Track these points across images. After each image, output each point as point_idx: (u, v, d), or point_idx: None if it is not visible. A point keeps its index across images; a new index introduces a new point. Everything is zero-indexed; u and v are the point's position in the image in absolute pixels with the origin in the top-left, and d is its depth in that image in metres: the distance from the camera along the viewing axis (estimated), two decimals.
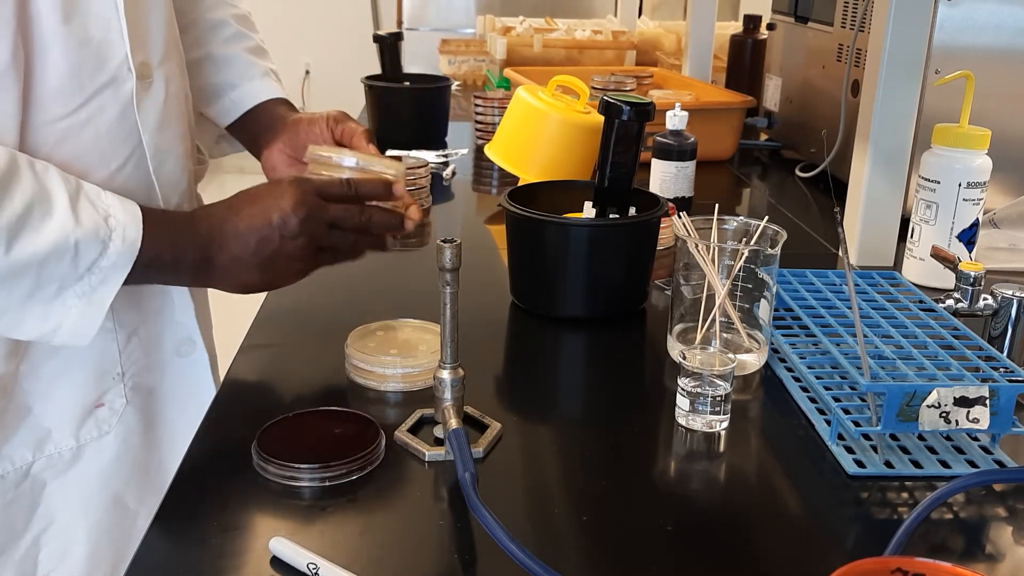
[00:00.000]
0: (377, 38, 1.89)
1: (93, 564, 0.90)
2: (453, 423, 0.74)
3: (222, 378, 0.90)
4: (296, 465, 0.71)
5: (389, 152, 0.98)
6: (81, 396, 0.88)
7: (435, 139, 1.87)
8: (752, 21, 2.08)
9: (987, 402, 0.77)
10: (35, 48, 0.75)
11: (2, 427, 0.84)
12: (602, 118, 1.04)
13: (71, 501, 0.88)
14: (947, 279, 1.03)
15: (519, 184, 1.19)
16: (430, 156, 1.67)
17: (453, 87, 2.02)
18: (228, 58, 1.06)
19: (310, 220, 0.82)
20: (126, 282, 0.77)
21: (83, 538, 0.89)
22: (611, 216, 1.08)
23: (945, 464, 0.77)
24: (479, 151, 1.76)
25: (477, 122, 1.87)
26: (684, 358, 0.81)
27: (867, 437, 0.80)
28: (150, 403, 0.94)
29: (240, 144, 1.10)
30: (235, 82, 1.06)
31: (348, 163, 0.90)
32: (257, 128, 1.05)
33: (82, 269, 0.74)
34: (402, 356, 0.87)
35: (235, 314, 1.19)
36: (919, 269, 1.17)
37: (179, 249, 0.80)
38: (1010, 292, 0.95)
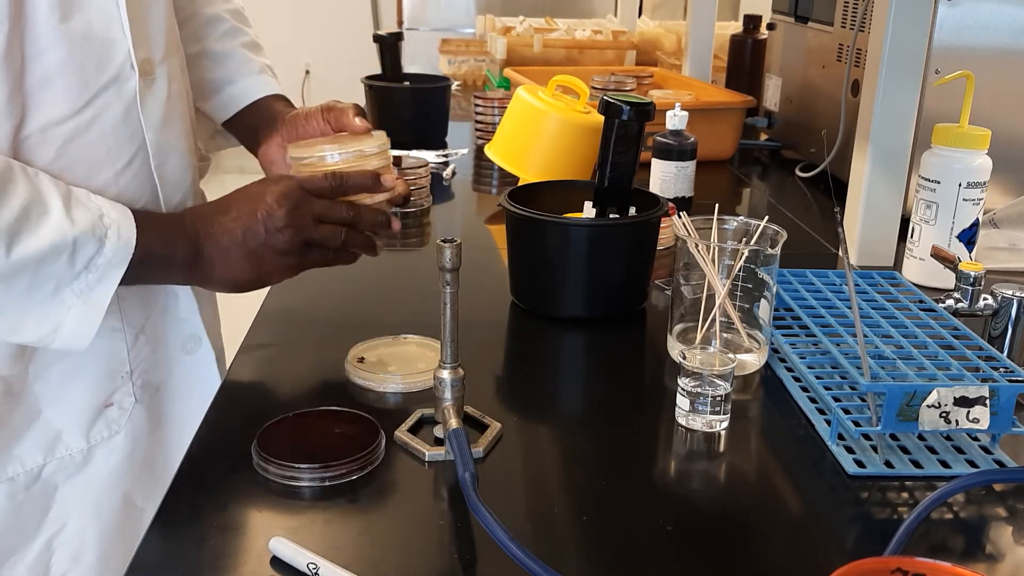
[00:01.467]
0: (377, 38, 1.89)
1: (104, 564, 0.90)
2: (453, 423, 0.74)
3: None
4: (296, 465, 0.71)
5: (392, 152, 0.97)
6: (91, 396, 0.88)
7: (435, 139, 1.87)
8: (752, 21, 2.08)
9: (987, 402, 0.77)
10: (34, 47, 0.75)
11: (12, 429, 0.83)
12: (602, 118, 1.04)
13: (83, 504, 0.88)
14: (947, 279, 1.03)
15: (519, 184, 1.19)
16: (430, 156, 1.67)
17: (453, 87, 2.02)
18: (225, 54, 1.07)
19: (295, 213, 0.83)
20: (122, 282, 0.77)
21: (95, 540, 0.90)
22: (611, 216, 1.08)
23: (945, 464, 0.77)
24: (479, 151, 1.76)
25: (477, 122, 1.87)
26: (684, 358, 0.81)
27: (867, 437, 0.80)
28: (157, 401, 0.94)
29: (235, 139, 1.11)
30: (232, 78, 1.06)
31: (330, 159, 0.91)
32: (255, 123, 1.05)
33: (79, 267, 0.74)
34: (402, 374, 0.87)
35: (236, 313, 1.19)
36: (919, 269, 1.17)
37: (171, 245, 0.81)
38: (1010, 292, 0.95)
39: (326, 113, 0.98)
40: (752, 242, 0.93)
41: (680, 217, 0.96)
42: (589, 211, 1.09)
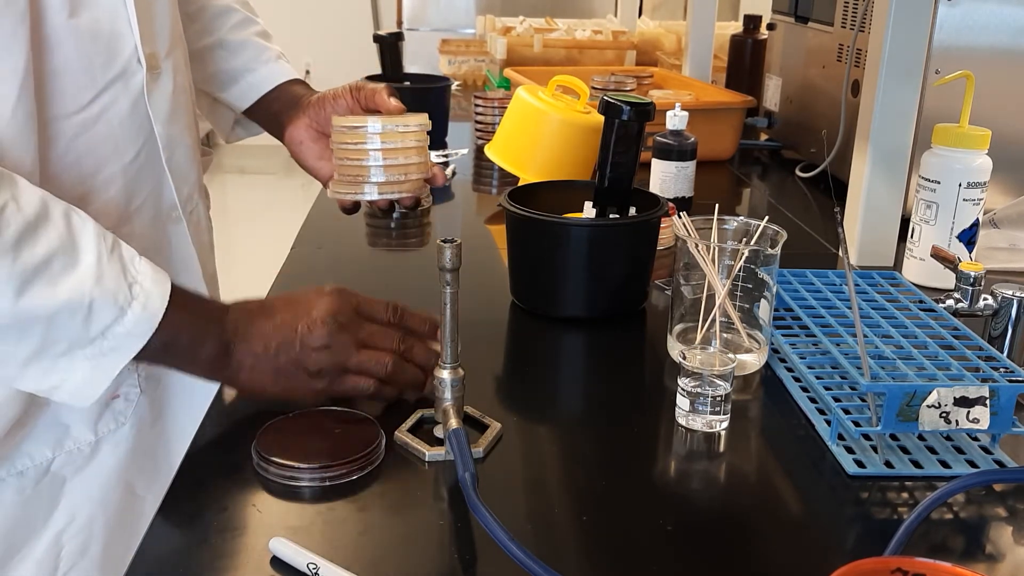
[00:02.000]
0: (377, 38, 1.89)
1: (108, 555, 0.89)
2: (453, 423, 0.74)
3: None
4: (296, 465, 0.71)
5: None
6: None
7: (435, 139, 1.87)
8: (752, 21, 2.08)
9: (987, 402, 0.77)
10: (44, 44, 0.75)
11: (21, 424, 0.82)
12: (602, 118, 1.04)
13: (90, 497, 0.88)
14: (947, 279, 1.03)
15: (519, 184, 1.19)
16: (430, 156, 1.66)
17: (453, 87, 2.02)
18: (240, 43, 1.09)
19: (339, 334, 0.77)
20: (140, 357, 0.73)
21: (101, 532, 0.89)
22: (611, 216, 1.08)
23: (945, 464, 0.77)
24: (479, 151, 1.76)
25: (477, 122, 1.87)
26: (684, 358, 0.81)
27: (867, 437, 0.80)
28: (159, 392, 0.94)
29: (256, 127, 1.12)
30: (250, 66, 1.08)
31: (372, 128, 0.93)
32: (277, 108, 1.06)
33: (94, 332, 0.71)
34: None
35: None
36: (919, 269, 1.17)
37: (200, 335, 0.76)
38: (1010, 292, 0.95)
39: (355, 92, 0.99)
40: (752, 242, 0.93)
41: (680, 217, 0.96)
42: (589, 211, 1.09)
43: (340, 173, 0.99)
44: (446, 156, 1.72)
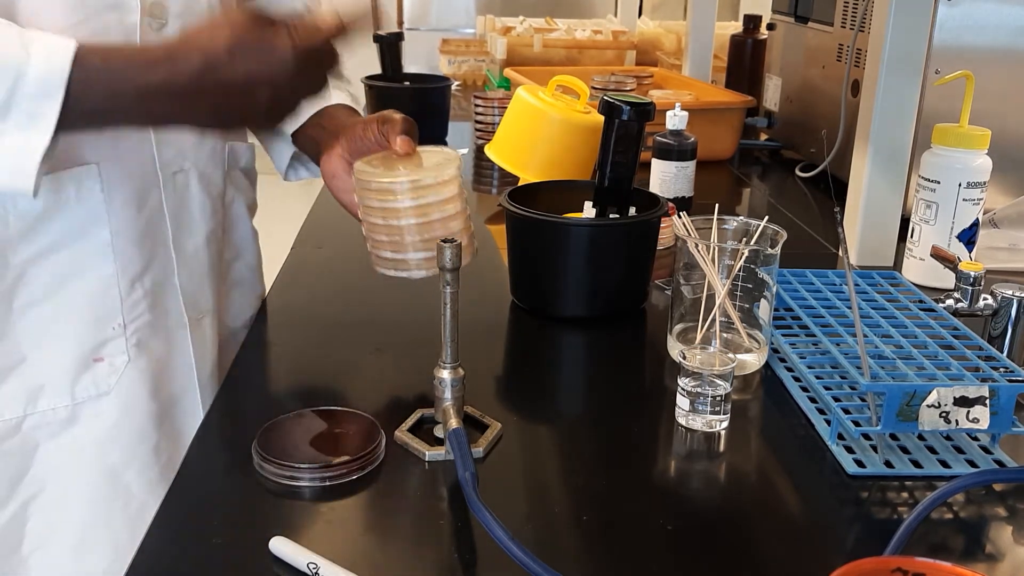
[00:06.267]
0: (377, 38, 1.89)
1: (82, 546, 0.85)
2: (453, 423, 0.74)
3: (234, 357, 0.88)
4: (296, 465, 0.71)
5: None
6: (78, 345, 0.83)
7: (435, 139, 1.87)
8: (752, 21, 2.08)
9: (987, 402, 0.77)
10: None
11: None
12: (602, 118, 1.04)
13: (64, 469, 0.84)
14: (947, 279, 1.03)
15: (519, 184, 1.19)
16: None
17: (453, 87, 2.02)
18: None
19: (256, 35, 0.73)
20: (72, 117, 0.70)
21: (75, 516, 0.85)
22: (611, 216, 1.08)
23: (945, 464, 0.77)
24: (479, 151, 1.77)
25: (477, 122, 1.87)
26: (684, 358, 0.81)
27: (867, 437, 0.80)
28: (155, 371, 0.89)
29: (314, 166, 1.04)
30: None
31: (400, 185, 0.85)
32: (317, 136, 0.99)
33: (1, 98, 0.68)
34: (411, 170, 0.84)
35: None
36: (919, 269, 1.17)
37: (133, 77, 0.72)
38: (1010, 292, 0.95)
39: (381, 125, 0.92)
40: (752, 242, 0.93)
41: (680, 217, 0.96)
42: (589, 211, 1.09)
43: (368, 233, 0.89)
44: None
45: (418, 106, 1.87)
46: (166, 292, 0.89)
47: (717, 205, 1.00)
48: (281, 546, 0.63)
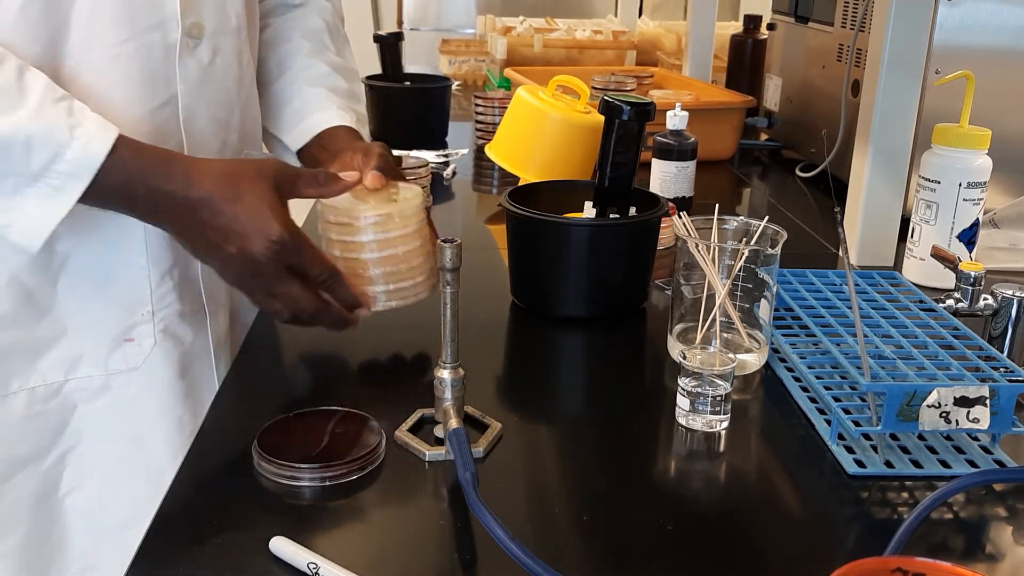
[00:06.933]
0: (377, 38, 1.89)
1: (103, 494, 0.92)
2: (453, 423, 0.74)
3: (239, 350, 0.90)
4: (296, 465, 0.71)
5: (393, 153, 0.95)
6: (112, 326, 0.90)
7: (435, 139, 1.87)
8: (752, 21, 2.08)
9: (987, 402, 0.77)
10: None
11: (37, 342, 0.87)
12: (602, 118, 1.04)
13: (97, 428, 0.92)
14: (947, 279, 1.03)
15: (519, 184, 1.19)
16: (430, 156, 1.67)
17: (453, 87, 2.02)
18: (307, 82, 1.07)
19: (254, 280, 0.81)
20: (96, 201, 0.77)
21: (104, 468, 0.92)
22: (611, 216, 1.08)
23: (945, 464, 0.77)
24: (479, 151, 1.77)
25: (477, 122, 1.87)
26: (684, 358, 0.81)
27: (867, 437, 0.80)
28: (180, 354, 0.95)
29: None
30: (307, 109, 1.05)
31: (364, 235, 0.88)
32: (322, 156, 1.02)
33: (36, 168, 0.74)
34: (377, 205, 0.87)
35: None
36: (919, 269, 1.17)
37: (153, 181, 0.78)
38: (1010, 292, 0.95)
39: (365, 157, 0.94)
40: (752, 242, 0.93)
41: (680, 217, 0.96)
42: (589, 211, 1.09)
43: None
44: (446, 156, 1.72)
45: (418, 106, 1.88)
46: (191, 286, 0.96)
47: (717, 205, 1.00)
48: (281, 546, 0.63)
